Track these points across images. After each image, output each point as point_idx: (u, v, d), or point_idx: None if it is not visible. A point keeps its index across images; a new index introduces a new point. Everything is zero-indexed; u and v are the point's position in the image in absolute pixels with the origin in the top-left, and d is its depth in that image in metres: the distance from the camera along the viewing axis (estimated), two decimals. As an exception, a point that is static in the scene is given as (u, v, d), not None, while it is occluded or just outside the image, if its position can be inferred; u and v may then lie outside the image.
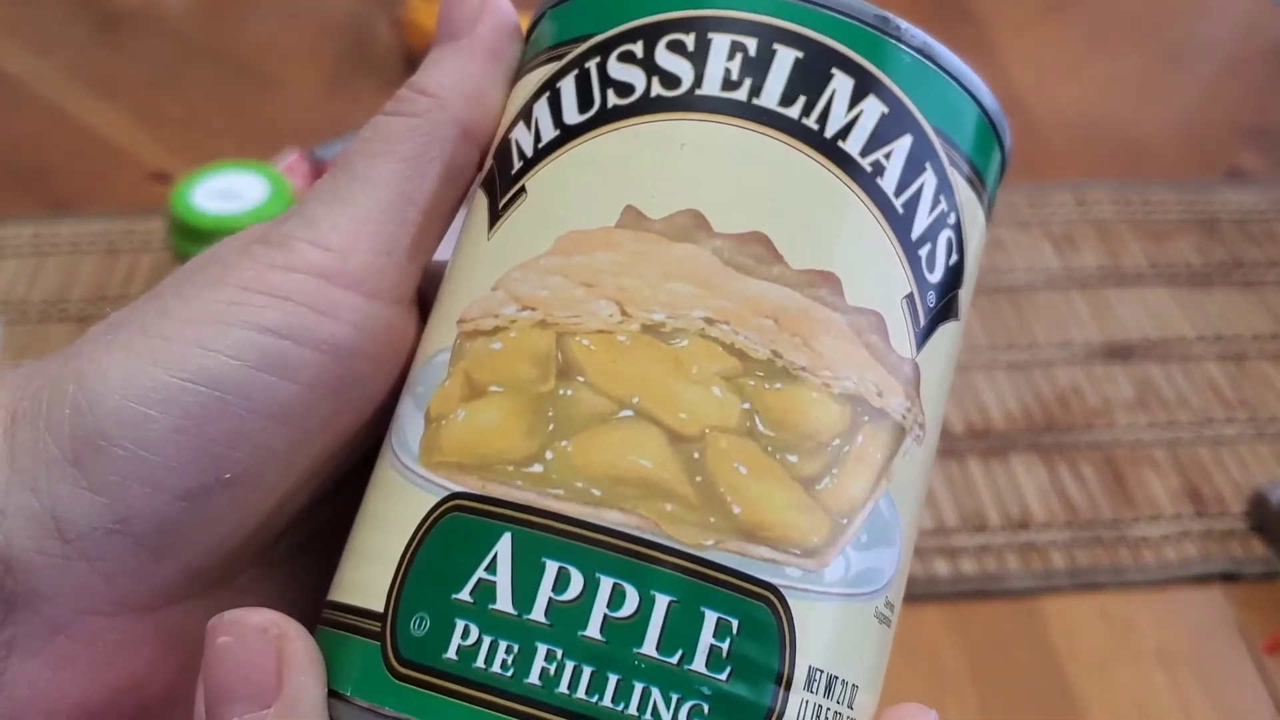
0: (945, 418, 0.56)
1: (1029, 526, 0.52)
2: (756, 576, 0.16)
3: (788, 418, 0.16)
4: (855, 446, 0.17)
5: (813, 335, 0.17)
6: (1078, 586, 0.50)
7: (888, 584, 0.17)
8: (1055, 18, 0.88)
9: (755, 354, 0.16)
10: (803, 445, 0.16)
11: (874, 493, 0.17)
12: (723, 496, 0.16)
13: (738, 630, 0.15)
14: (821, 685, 0.16)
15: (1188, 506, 0.53)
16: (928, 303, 0.18)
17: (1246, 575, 0.50)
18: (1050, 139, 0.75)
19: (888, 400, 0.17)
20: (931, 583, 0.49)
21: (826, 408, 0.16)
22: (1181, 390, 0.58)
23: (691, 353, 0.16)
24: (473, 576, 0.16)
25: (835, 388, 0.17)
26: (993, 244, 0.66)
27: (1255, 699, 0.46)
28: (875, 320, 0.17)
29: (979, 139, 0.19)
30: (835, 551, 0.16)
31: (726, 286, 0.17)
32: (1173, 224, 0.68)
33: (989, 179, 0.20)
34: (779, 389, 0.16)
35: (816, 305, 0.17)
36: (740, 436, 0.16)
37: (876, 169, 0.17)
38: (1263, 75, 0.82)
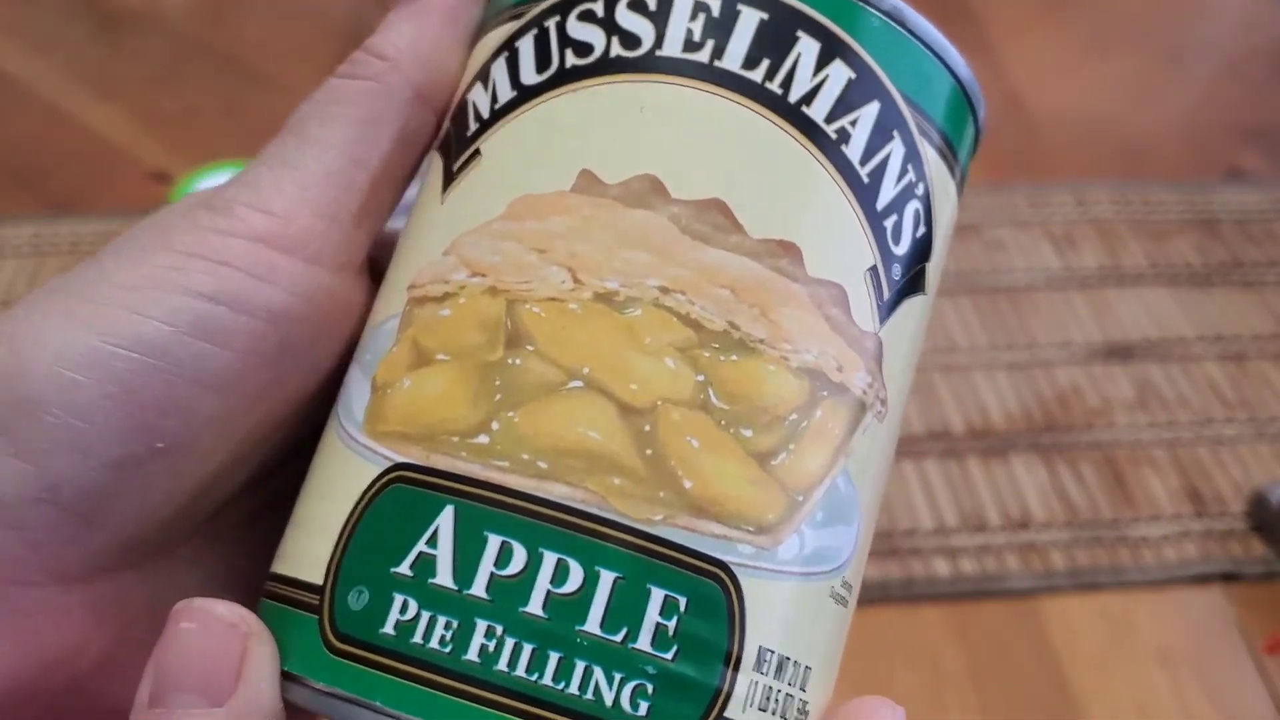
0: (945, 417, 0.56)
1: (1029, 526, 0.52)
2: (706, 553, 0.15)
3: (744, 390, 0.16)
4: (813, 421, 0.16)
5: (771, 306, 0.16)
6: (1078, 586, 0.50)
7: (845, 563, 0.17)
8: (1055, 17, 0.88)
9: (711, 325, 0.16)
10: (758, 419, 0.16)
11: (832, 469, 0.16)
12: (673, 470, 0.15)
13: (685, 608, 0.15)
14: (772, 666, 0.16)
15: (1188, 506, 0.53)
16: (893, 276, 0.17)
17: (1246, 575, 0.50)
18: (1050, 139, 0.75)
19: (848, 375, 0.17)
20: (931, 583, 0.49)
21: (784, 381, 0.16)
22: (1181, 390, 0.58)
23: (645, 322, 0.16)
24: (413, 550, 0.15)
25: (794, 361, 0.16)
26: (993, 244, 0.66)
27: (1255, 699, 0.46)
28: (837, 292, 0.17)
29: (951, 109, 0.19)
30: (790, 529, 0.16)
31: (683, 255, 0.16)
32: (1173, 224, 0.68)
33: (961, 151, 0.19)
34: (735, 361, 0.16)
35: (776, 276, 0.16)
36: (693, 409, 0.16)
37: (842, 136, 0.17)
38: (1263, 75, 0.82)
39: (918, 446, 0.55)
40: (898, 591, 0.49)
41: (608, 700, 0.14)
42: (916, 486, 0.53)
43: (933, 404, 0.57)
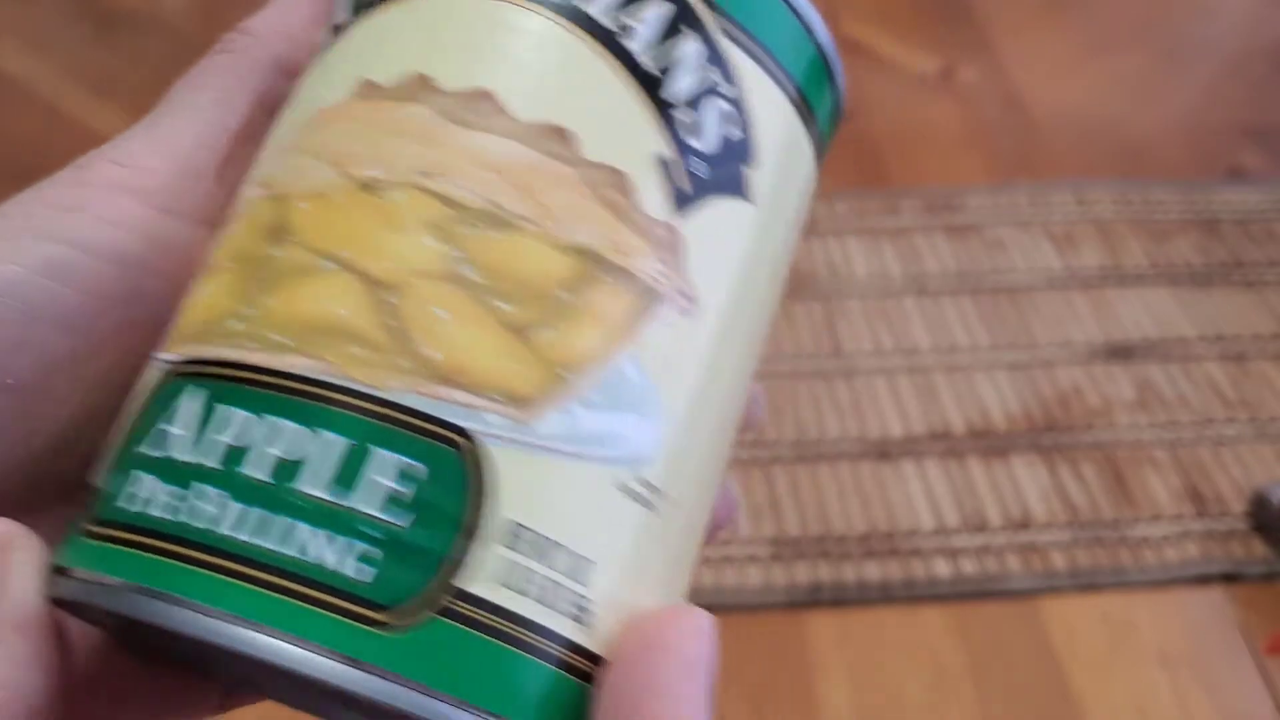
0: (945, 418, 0.56)
1: (1029, 527, 0.52)
2: (446, 420, 0.15)
3: (503, 265, 0.16)
4: (584, 300, 0.16)
5: (538, 188, 0.16)
6: (1078, 587, 0.50)
7: (640, 458, 0.16)
8: (1056, 18, 0.88)
9: (472, 204, 0.16)
10: (517, 293, 0.16)
11: (609, 352, 0.16)
12: (417, 340, 0.15)
13: (418, 474, 0.15)
14: (526, 544, 0.15)
15: (1188, 507, 0.53)
16: (693, 169, 0.17)
17: (1247, 575, 0.50)
18: (1051, 139, 0.75)
19: (631, 260, 0.16)
20: (932, 583, 0.49)
21: (549, 257, 0.16)
22: (1182, 390, 0.58)
23: (404, 205, 0.16)
24: (154, 428, 0.16)
25: (562, 239, 0.16)
26: (993, 243, 0.66)
27: (1256, 699, 0.46)
28: (615, 177, 0.16)
29: (764, 15, 0.18)
30: (552, 404, 0.15)
31: (447, 140, 0.16)
32: (1173, 223, 0.68)
33: (787, 62, 0.19)
34: (496, 238, 0.16)
35: (544, 158, 0.16)
36: (445, 282, 0.15)
37: (622, 28, 0.17)
38: (1263, 74, 0.82)
39: (918, 446, 0.55)
40: (899, 592, 0.49)
41: (330, 564, 0.14)
42: (917, 487, 0.53)
43: (933, 404, 0.57)
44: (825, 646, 0.47)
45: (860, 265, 0.64)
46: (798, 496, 0.52)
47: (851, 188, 0.70)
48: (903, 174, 0.72)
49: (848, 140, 0.75)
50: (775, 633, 0.48)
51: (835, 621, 0.48)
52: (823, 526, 0.51)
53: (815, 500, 0.52)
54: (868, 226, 0.67)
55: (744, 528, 0.51)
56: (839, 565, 0.50)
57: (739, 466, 0.53)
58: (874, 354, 0.59)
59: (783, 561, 0.50)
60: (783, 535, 0.51)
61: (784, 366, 0.58)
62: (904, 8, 0.87)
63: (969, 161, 0.73)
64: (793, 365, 0.59)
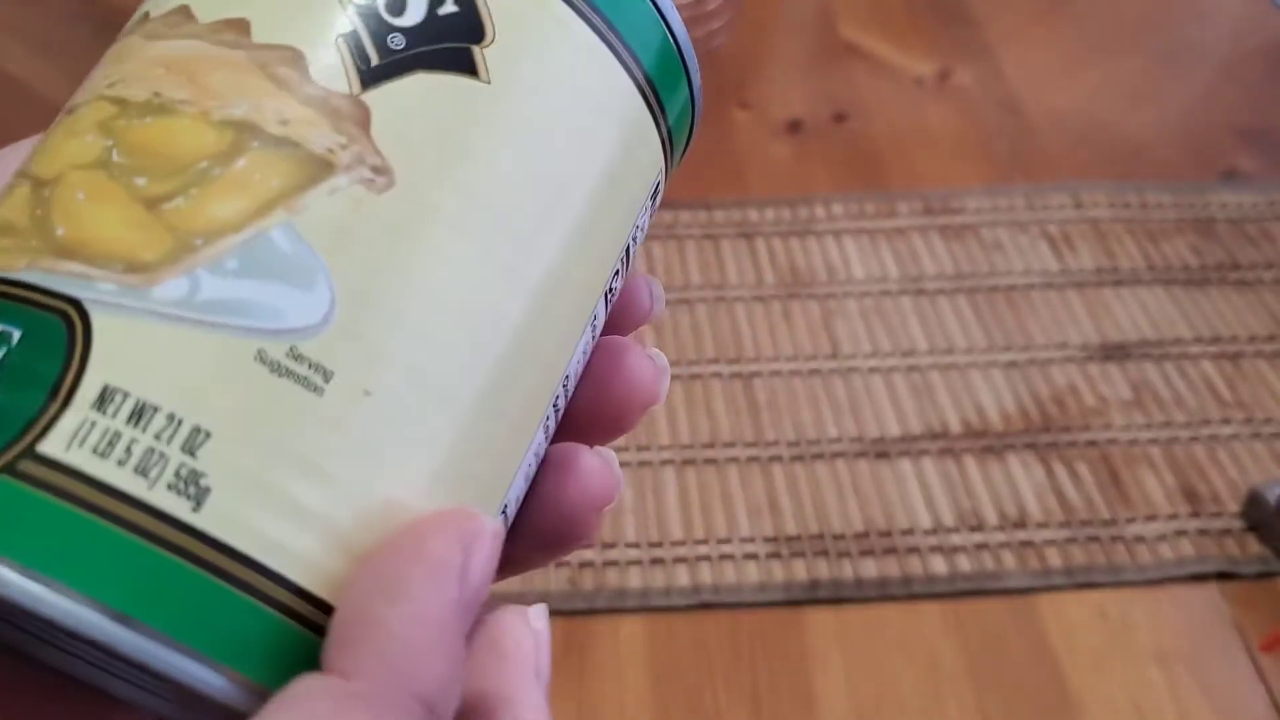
0: (942, 417, 0.57)
1: (1026, 525, 0.52)
2: (55, 290, 0.15)
3: (148, 146, 0.16)
4: (231, 170, 0.16)
5: (201, 72, 0.16)
6: (1074, 585, 0.50)
7: (292, 330, 0.15)
8: (1052, 20, 0.88)
9: (135, 98, 0.16)
10: (156, 169, 0.16)
11: (257, 220, 0.15)
12: (52, 223, 0.15)
13: (18, 341, 0.15)
14: (123, 409, 0.14)
15: (1184, 505, 0.53)
16: (389, 43, 0.17)
17: (1242, 574, 0.50)
18: (1047, 140, 0.75)
19: (295, 129, 0.16)
20: (929, 581, 0.49)
21: (196, 133, 0.16)
22: (1178, 390, 0.58)
23: (83, 114, 0.16)
24: None
25: (216, 115, 0.16)
26: (990, 244, 0.66)
27: (1251, 697, 0.46)
28: (289, 54, 0.16)
29: None
30: (175, 270, 0.15)
31: (139, 54, 0.17)
32: (1169, 224, 0.68)
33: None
34: (148, 123, 0.16)
35: (214, 47, 0.16)
36: (91, 169, 0.16)
37: None
38: (1259, 77, 0.82)
39: (916, 445, 0.55)
40: (896, 589, 0.49)
41: None
42: (914, 485, 0.53)
43: (930, 403, 0.57)
44: (823, 642, 0.47)
45: (858, 266, 0.65)
46: (795, 495, 0.53)
47: (849, 190, 0.71)
48: (900, 176, 0.72)
49: (845, 143, 0.75)
50: (773, 629, 0.48)
51: (833, 618, 0.48)
52: (820, 524, 0.51)
53: (813, 498, 0.52)
54: (865, 228, 0.67)
55: (743, 525, 0.51)
56: (837, 563, 0.50)
57: (738, 466, 0.54)
58: (871, 354, 0.59)
59: (781, 559, 0.50)
60: (780, 533, 0.51)
61: (782, 366, 0.59)
62: (900, 12, 0.88)
63: (966, 164, 0.73)
64: (790, 365, 0.59)
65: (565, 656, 0.47)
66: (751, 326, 0.61)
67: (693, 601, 0.48)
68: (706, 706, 0.45)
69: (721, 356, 0.59)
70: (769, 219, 0.68)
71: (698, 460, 0.54)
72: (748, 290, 0.63)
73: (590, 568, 0.49)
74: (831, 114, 0.77)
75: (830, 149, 0.74)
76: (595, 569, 0.49)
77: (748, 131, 0.76)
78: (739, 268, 0.64)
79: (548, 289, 0.18)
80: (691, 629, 0.48)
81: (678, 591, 0.49)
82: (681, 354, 0.59)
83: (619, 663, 0.46)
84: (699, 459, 0.54)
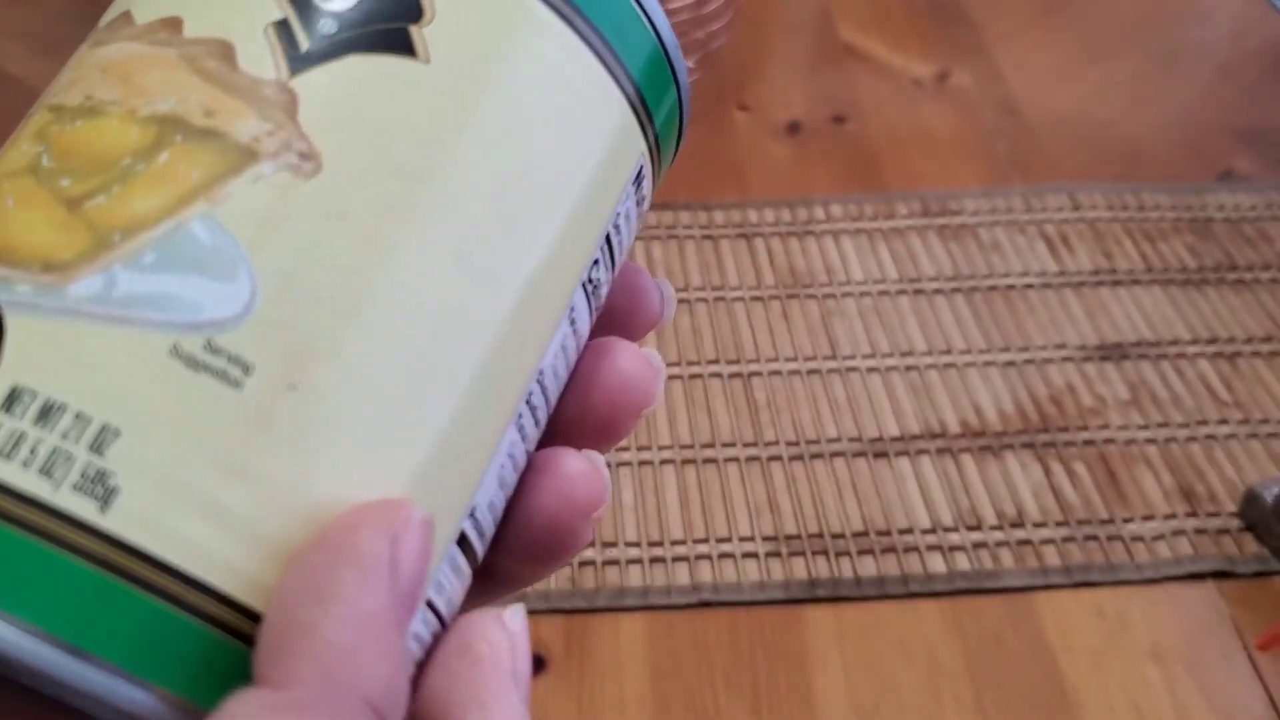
0: (941, 416, 0.57)
1: (1024, 524, 0.52)
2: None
3: (74, 148, 0.16)
4: (153, 165, 0.15)
5: (133, 72, 0.16)
6: (1072, 584, 0.50)
7: (209, 322, 0.15)
8: (1050, 22, 0.89)
9: (69, 104, 0.16)
10: (80, 169, 0.15)
11: (176, 213, 0.15)
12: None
13: None
14: (30, 409, 0.14)
15: (1181, 505, 0.53)
16: (319, 28, 0.16)
17: (1239, 573, 0.50)
18: (1045, 142, 0.76)
19: (221, 120, 0.16)
20: (927, 579, 0.50)
21: (121, 131, 0.15)
22: (1175, 390, 0.59)
23: (25, 126, 0.17)
24: None
25: (142, 112, 0.16)
26: (989, 245, 0.66)
27: (1248, 695, 0.46)
28: (218, 47, 0.16)
29: None
30: (91, 268, 0.15)
31: (80, 63, 0.17)
32: (1167, 225, 0.69)
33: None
34: (77, 126, 0.16)
35: (147, 47, 0.16)
36: (21, 176, 0.16)
37: None
38: (1257, 78, 0.83)
39: (914, 445, 0.55)
40: (894, 587, 0.49)
41: None
42: (912, 485, 0.54)
43: (928, 403, 0.57)
44: (822, 641, 0.48)
45: (856, 266, 0.65)
46: (795, 494, 0.53)
47: (848, 190, 0.71)
48: (899, 177, 0.72)
49: (844, 144, 0.75)
50: (773, 627, 0.48)
51: (832, 617, 0.48)
52: (820, 523, 0.52)
53: (812, 498, 0.53)
54: (864, 228, 0.68)
55: (743, 524, 0.52)
56: (836, 562, 0.50)
57: (738, 465, 0.54)
58: (870, 354, 0.60)
59: (780, 558, 0.50)
60: (780, 532, 0.51)
61: (781, 366, 0.59)
62: (899, 13, 0.88)
63: (964, 164, 0.74)
64: (790, 365, 0.59)
65: (565, 655, 0.47)
66: (751, 327, 0.61)
67: (692, 600, 0.49)
68: (706, 704, 0.45)
69: (721, 356, 0.59)
70: (768, 220, 0.68)
71: (697, 460, 0.54)
72: (747, 291, 0.63)
73: (590, 566, 0.49)
74: (831, 115, 0.78)
75: (829, 150, 0.74)
76: (595, 568, 0.49)
77: (747, 133, 0.76)
78: (739, 268, 0.65)
79: (507, 278, 0.17)
80: (691, 627, 0.48)
81: (677, 590, 0.49)
82: (681, 354, 0.59)
83: (619, 661, 0.47)
84: (699, 458, 0.54)
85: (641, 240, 0.66)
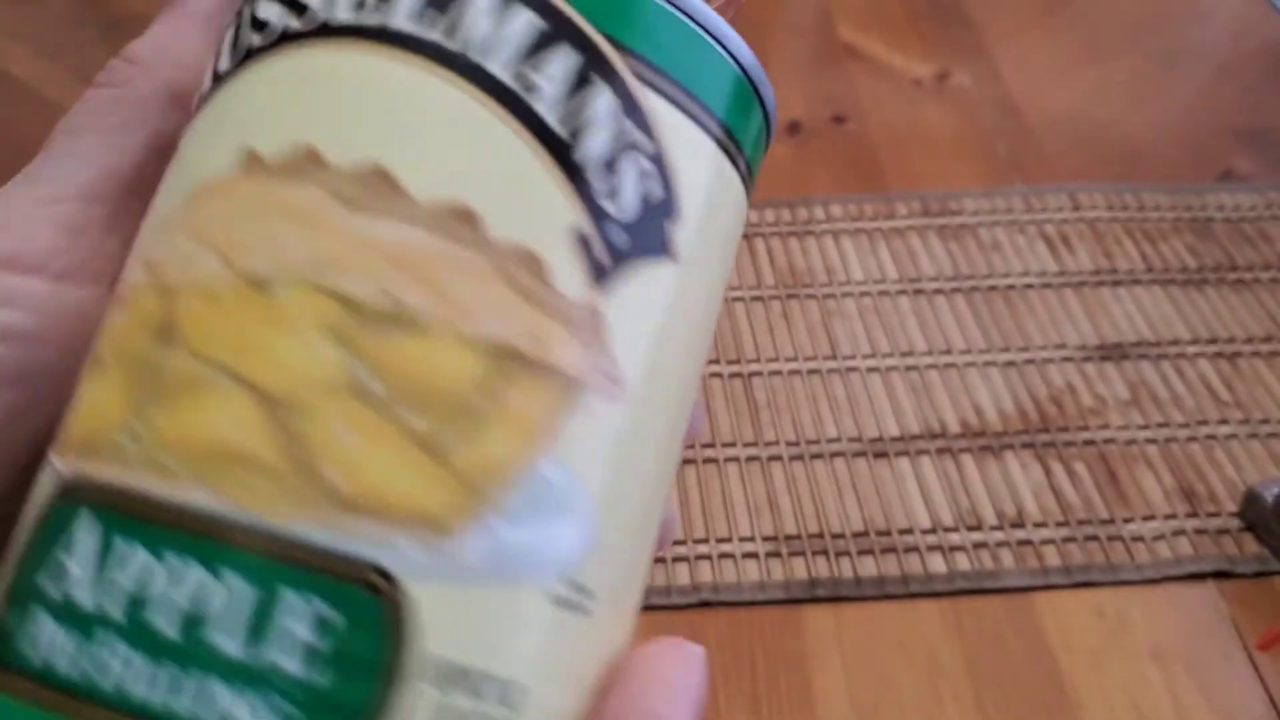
0: (940, 417, 0.57)
1: (1024, 524, 0.52)
2: (355, 554, 0.14)
3: (405, 372, 0.14)
4: (501, 403, 0.14)
5: (442, 278, 0.14)
6: (1072, 584, 0.50)
7: (570, 562, 0.15)
8: (1050, 22, 0.89)
9: (369, 302, 0.14)
10: (423, 403, 0.14)
11: (529, 455, 0.14)
12: (318, 464, 0.14)
13: (333, 622, 0.13)
14: (453, 680, 0.14)
15: (1181, 505, 0.53)
16: (613, 239, 0.15)
17: (1239, 573, 0.51)
18: (1045, 142, 0.76)
19: (550, 350, 0.15)
20: (928, 579, 0.50)
21: (460, 358, 0.14)
22: (1175, 390, 0.59)
23: (293, 304, 0.14)
24: (51, 557, 0.14)
25: (470, 335, 0.14)
26: (989, 245, 0.67)
27: (1249, 695, 0.46)
28: (528, 258, 0.15)
29: (679, 48, 0.16)
30: (469, 523, 0.14)
31: (338, 227, 0.15)
32: (1167, 225, 0.69)
33: (709, 98, 0.17)
34: (396, 340, 0.14)
35: (447, 243, 0.15)
36: (344, 396, 0.14)
37: (525, 85, 0.15)
38: (1256, 78, 0.83)
39: (914, 445, 0.55)
40: (894, 587, 0.49)
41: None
42: (912, 485, 0.54)
43: (928, 403, 0.57)
44: (822, 641, 0.48)
45: (856, 266, 0.65)
46: (795, 494, 0.53)
47: (848, 191, 0.71)
48: (898, 177, 0.72)
49: (844, 144, 0.75)
50: (773, 627, 0.48)
51: (832, 617, 0.48)
52: (820, 523, 0.52)
53: (812, 498, 0.53)
54: (864, 228, 0.68)
55: (743, 524, 0.52)
56: (836, 562, 0.50)
57: (738, 465, 0.54)
58: (870, 354, 0.60)
59: (780, 558, 0.50)
60: (780, 532, 0.51)
61: (781, 366, 0.59)
62: (899, 14, 0.88)
63: (964, 165, 0.74)
64: (790, 365, 0.59)
65: (566, 655, 0.47)
66: (751, 327, 0.61)
67: (692, 600, 0.49)
68: (707, 704, 0.45)
69: (721, 356, 0.59)
70: (768, 220, 0.68)
71: (697, 460, 0.54)
72: (747, 291, 0.63)
73: (591, 567, 0.50)
74: (830, 115, 0.78)
75: (829, 150, 0.75)
76: (596, 568, 0.50)
77: (747, 133, 0.76)
78: (739, 268, 0.65)
79: (681, 427, 0.18)
80: (691, 627, 0.48)
81: (678, 590, 0.49)
82: (681, 354, 0.59)
83: (619, 661, 0.47)
84: (699, 458, 0.54)
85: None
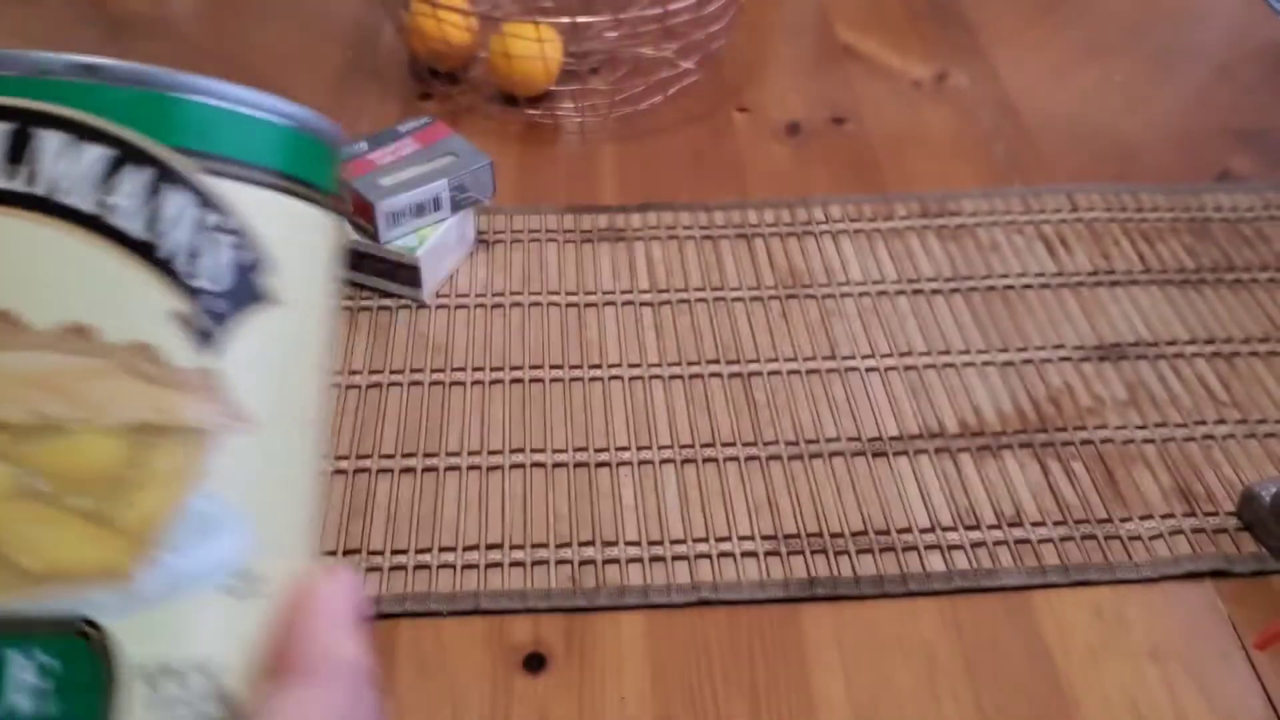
0: (939, 417, 0.57)
1: (1022, 524, 0.52)
2: (60, 613, 0.17)
3: (62, 469, 0.17)
4: (145, 468, 0.18)
5: (74, 386, 0.18)
6: (1070, 583, 0.50)
7: (234, 561, 0.19)
8: (1048, 23, 0.89)
9: (21, 421, 0.17)
10: (82, 488, 0.17)
11: (179, 499, 0.18)
12: (13, 555, 0.17)
13: (49, 663, 0.17)
14: (160, 675, 0.18)
15: (1179, 504, 0.53)
16: (211, 308, 0.19)
17: (1237, 572, 0.51)
18: (1043, 143, 0.76)
19: (174, 414, 0.18)
20: (926, 578, 0.50)
21: (101, 446, 0.18)
22: (1173, 390, 0.59)
23: None
24: None
25: (107, 425, 0.18)
26: (987, 246, 0.67)
27: (1247, 693, 0.46)
28: (141, 348, 0.18)
29: (230, 133, 0.19)
30: (142, 565, 0.18)
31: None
32: (1164, 226, 0.69)
33: (267, 159, 0.20)
34: (50, 445, 0.17)
35: (72, 356, 0.18)
36: (19, 499, 0.17)
37: (100, 206, 0.18)
38: (1254, 79, 0.83)
39: (912, 445, 0.55)
40: (893, 586, 0.50)
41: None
42: (911, 484, 0.54)
43: (927, 403, 0.58)
44: (821, 639, 0.48)
45: (855, 267, 0.65)
46: (794, 493, 0.53)
47: (847, 191, 0.71)
48: (897, 178, 0.73)
49: (843, 145, 0.75)
50: (772, 626, 0.48)
51: (831, 615, 0.49)
52: (819, 523, 0.52)
53: (811, 497, 0.53)
54: (863, 229, 0.68)
55: (742, 524, 0.52)
56: (835, 561, 0.50)
57: (737, 465, 0.54)
58: (869, 354, 0.60)
59: (779, 557, 0.51)
60: (779, 531, 0.51)
61: (780, 366, 0.59)
62: (897, 15, 0.88)
63: (963, 165, 0.74)
64: (789, 365, 0.59)
65: (566, 653, 0.47)
66: (751, 327, 0.61)
67: (692, 599, 0.49)
68: (706, 703, 0.45)
69: (721, 356, 0.60)
70: (768, 220, 0.68)
71: (697, 459, 0.54)
72: (747, 291, 0.63)
73: (591, 565, 0.50)
74: (829, 116, 0.78)
75: (828, 151, 0.75)
76: (596, 567, 0.50)
77: (747, 134, 0.76)
78: (738, 268, 0.65)
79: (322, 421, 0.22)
80: (691, 626, 0.48)
81: (677, 589, 0.49)
82: (681, 354, 0.60)
83: (619, 659, 0.47)
84: (699, 458, 0.54)
85: (642, 240, 0.67)
